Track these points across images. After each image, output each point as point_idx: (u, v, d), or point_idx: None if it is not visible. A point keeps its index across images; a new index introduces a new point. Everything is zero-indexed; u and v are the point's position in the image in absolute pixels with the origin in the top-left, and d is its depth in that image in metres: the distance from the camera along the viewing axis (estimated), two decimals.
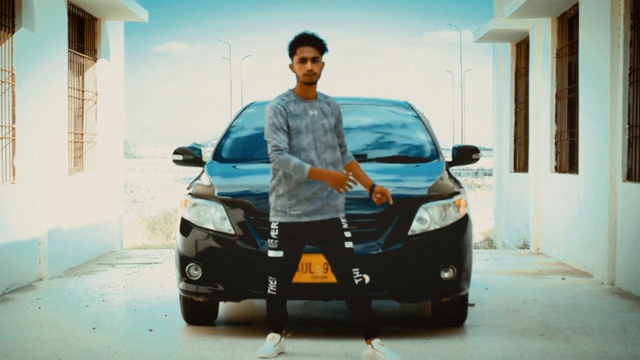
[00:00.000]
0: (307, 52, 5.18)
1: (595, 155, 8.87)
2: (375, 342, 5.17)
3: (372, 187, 5.21)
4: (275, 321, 5.37)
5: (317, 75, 5.22)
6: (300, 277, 5.57)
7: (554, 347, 5.62)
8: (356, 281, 5.16)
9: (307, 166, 5.02)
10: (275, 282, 5.24)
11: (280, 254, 5.19)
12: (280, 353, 5.36)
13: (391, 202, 5.18)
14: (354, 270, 5.16)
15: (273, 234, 5.21)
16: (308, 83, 5.21)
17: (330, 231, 5.20)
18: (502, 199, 14.71)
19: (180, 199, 6.17)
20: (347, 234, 5.22)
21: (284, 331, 5.43)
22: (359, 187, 5.88)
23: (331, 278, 5.60)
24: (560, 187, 10.77)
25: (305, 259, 5.54)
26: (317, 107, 5.27)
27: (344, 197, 5.30)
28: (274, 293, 5.26)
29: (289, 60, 5.28)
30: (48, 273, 8.82)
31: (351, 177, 5.12)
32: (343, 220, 5.25)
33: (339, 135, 5.38)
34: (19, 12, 8.52)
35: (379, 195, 5.15)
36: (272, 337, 5.34)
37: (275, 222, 5.20)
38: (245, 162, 6.64)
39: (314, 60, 5.18)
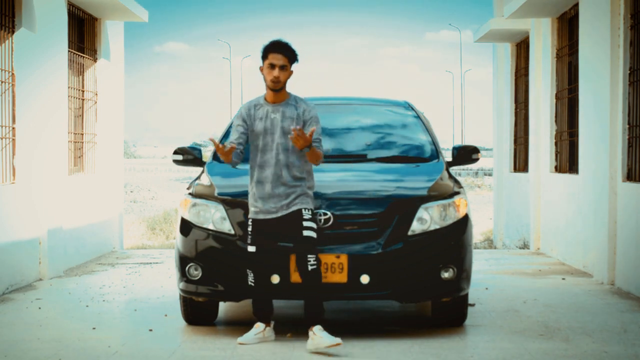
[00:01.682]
0: (277, 59, 5.49)
1: (595, 155, 8.87)
2: (317, 328, 5.41)
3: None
4: (258, 310, 5.66)
5: (282, 83, 5.54)
6: (298, 277, 5.58)
7: (554, 347, 5.62)
8: (309, 267, 5.40)
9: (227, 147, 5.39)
10: (252, 275, 5.56)
11: (252, 249, 5.55)
12: (263, 342, 5.60)
13: (299, 146, 5.35)
14: (309, 256, 5.40)
15: (249, 229, 5.59)
16: (273, 89, 5.55)
17: (290, 223, 5.48)
18: (502, 199, 14.71)
19: (180, 199, 6.17)
20: (308, 224, 5.46)
21: (272, 322, 5.70)
22: (359, 188, 5.89)
23: (330, 278, 5.61)
24: (560, 187, 10.77)
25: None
26: (280, 110, 5.57)
27: (307, 194, 5.54)
28: (253, 284, 5.57)
29: (260, 63, 5.60)
30: (48, 273, 8.82)
31: (212, 139, 5.40)
32: (305, 212, 5.48)
33: None
34: (19, 12, 8.52)
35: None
36: (257, 325, 5.64)
37: (249, 217, 5.60)
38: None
39: (282, 68, 5.50)
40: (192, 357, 5.38)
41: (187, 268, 5.90)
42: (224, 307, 6.98)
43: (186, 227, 5.96)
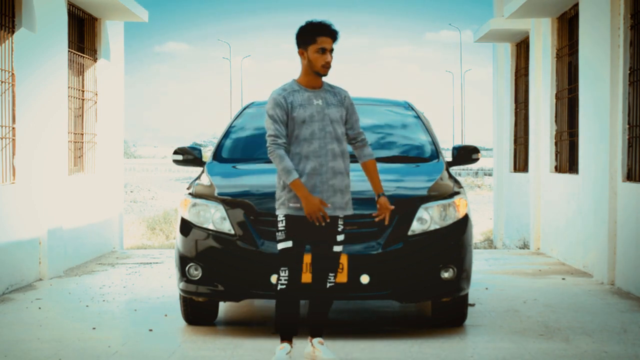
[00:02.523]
0: (328, 43, 4.99)
1: (595, 155, 8.87)
2: (316, 340, 5.11)
3: (378, 196, 5.10)
4: (284, 324, 5.05)
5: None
6: (308, 278, 5.56)
7: (554, 347, 5.62)
8: (328, 285, 5.08)
9: (294, 176, 4.87)
10: (286, 273, 4.96)
11: (289, 244, 4.97)
12: None
13: (386, 222, 5.10)
14: (330, 275, 5.07)
15: (280, 226, 4.99)
16: (322, 75, 5.04)
17: (324, 230, 5.00)
18: (502, 199, 14.71)
19: (180, 199, 6.17)
20: (340, 238, 5.06)
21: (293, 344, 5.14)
22: (359, 188, 5.88)
23: None
24: (560, 187, 10.77)
25: (306, 258, 5.53)
26: (321, 96, 5.07)
27: (350, 195, 5.10)
28: (285, 286, 4.96)
29: (296, 47, 5.09)
30: (48, 273, 8.82)
31: (325, 211, 4.89)
32: (340, 222, 5.06)
33: (351, 128, 5.15)
34: (19, 12, 8.52)
35: (378, 209, 5.08)
36: (282, 347, 5.03)
37: (281, 214, 5.00)
38: (245, 162, 6.64)
39: (331, 51, 5.04)
40: (192, 357, 5.38)
41: (187, 268, 5.90)
42: (224, 307, 6.98)
43: (186, 227, 5.96)
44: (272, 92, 5.09)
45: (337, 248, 5.07)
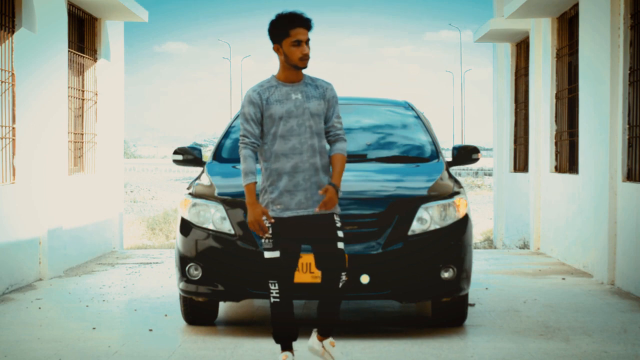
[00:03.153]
0: (303, 34, 4.76)
1: (595, 155, 8.87)
2: (327, 342, 4.94)
3: (331, 185, 4.78)
4: (282, 335, 4.90)
5: (309, 59, 4.85)
6: (300, 277, 5.56)
7: (554, 347, 5.62)
8: (340, 284, 4.81)
9: (249, 179, 4.74)
10: (276, 286, 4.79)
11: (276, 254, 4.78)
12: None
13: (316, 209, 4.75)
14: (342, 274, 4.81)
15: (267, 233, 4.80)
16: (301, 67, 4.82)
17: (321, 228, 4.79)
18: (502, 199, 14.71)
19: (180, 199, 6.17)
20: (340, 234, 4.83)
21: (295, 349, 5.04)
22: (359, 188, 5.89)
23: None
24: (560, 187, 10.77)
25: (305, 259, 5.53)
26: (301, 90, 4.85)
27: (339, 191, 4.86)
28: (278, 299, 4.80)
29: (262, 36, 5.00)
30: (48, 273, 8.82)
31: (268, 224, 4.72)
32: (337, 218, 4.84)
33: (327, 120, 4.93)
34: (19, 12, 8.52)
35: (320, 193, 4.75)
36: (285, 357, 4.87)
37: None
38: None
39: (307, 42, 4.80)
40: (192, 357, 5.38)
41: (187, 268, 5.90)
42: (224, 307, 6.98)
43: (186, 227, 5.96)
44: (249, 89, 4.93)
45: (341, 244, 4.82)
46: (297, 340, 4.97)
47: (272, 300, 4.82)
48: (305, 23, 4.79)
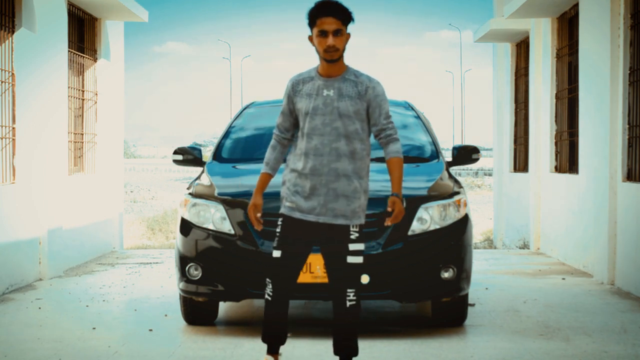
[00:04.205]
0: (329, 24, 4.42)
1: (595, 155, 8.87)
2: None
3: (390, 196, 4.56)
4: (271, 335, 4.68)
5: (340, 52, 4.48)
6: (300, 277, 5.55)
7: (554, 347, 5.62)
8: (348, 304, 4.51)
9: (263, 169, 4.63)
10: (270, 286, 4.59)
11: (278, 253, 4.56)
12: None
13: (388, 223, 4.51)
14: (349, 291, 4.51)
15: (277, 229, 4.60)
16: (329, 60, 4.49)
17: (333, 239, 4.53)
18: (502, 199, 14.71)
19: (180, 199, 6.17)
20: (353, 247, 4.51)
21: (280, 353, 4.81)
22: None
23: None
24: (560, 187, 10.77)
25: (311, 259, 5.52)
26: (335, 86, 4.52)
27: (362, 202, 4.56)
28: (270, 298, 4.59)
29: (308, 32, 4.58)
30: (48, 273, 8.81)
31: (258, 218, 4.57)
32: (353, 229, 4.52)
33: (374, 123, 4.58)
34: (19, 12, 8.52)
35: (389, 209, 4.49)
36: (266, 359, 4.69)
37: (280, 212, 4.61)
38: (245, 162, 6.64)
39: (337, 33, 4.44)
40: (192, 357, 5.38)
41: (187, 268, 5.90)
42: (224, 307, 6.98)
43: (186, 227, 5.96)
44: (291, 77, 4.71)
45: (352, 259, 4.49)
46: (284, 344, 4.77)
47: (266, 297, 4.62)
48: (333, 12, 4.43)
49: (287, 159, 4.67)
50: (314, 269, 5.59)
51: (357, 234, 4.54)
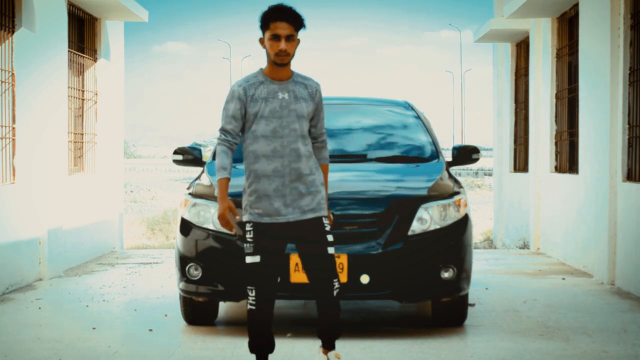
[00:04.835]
0: (282, 28, 4.51)
1: (595, 155, 8.87)
2: (332, 354, 4.77)
3: None
4: (257, 344, 4.65)
5: (291, 56, 4.57)
6: (298, 277, 5.57)
7: (554, 347, 5.62)
8: (334, 292, 4.64)
9: (222, 174, 4.55)
10: (254, 293, 4.55)
11: (256, 258, 4.55)
12: None
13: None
14: (334, 281, 4.63)
15: (248, 236, 4.59)
16: (280, 64, 4.58)
17: (305, 233, 4.61)
18: (502, 199, 14.71)
19: (180, 199, 6.17)
20: (330, 238, 4.63)
21: None
22: (359, 187, 5.89)
23: None
24: (560, 187, 10.77)
25: (295, 258, 5.53)
26: (289, 89, 4.62)
27: (323, 194, 4.67)
28: (254, 307, 4.56)
29: (259, 34, 4.66)
30: (48, 273, 8.81)
31: (231, 222, 4.55)
32: (325, 221, 4.65)
33: (315, 125, 4.75)
34: (19, 12, 8.52)
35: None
36: None
37: (246, 220, 4.63)
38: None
39: (289, 38, 4.53)
40: (192, 357, 5.38)
41: (187, 268, 5.90)
42: (224, 307, 6.98)
43: (186, 227, 5.96)
44: (234, 82, 4.71)
45: (331, 250, 4.63)
46: (273, 352, 4.74)
47: (249, 307, 4.58)
48: (287, 17, 4.53)
49: (241, 165, 4.66)
50: None
51: (328, 226, 4.66)
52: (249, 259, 4.58)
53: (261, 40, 4.65)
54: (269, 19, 4.55)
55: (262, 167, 4.58)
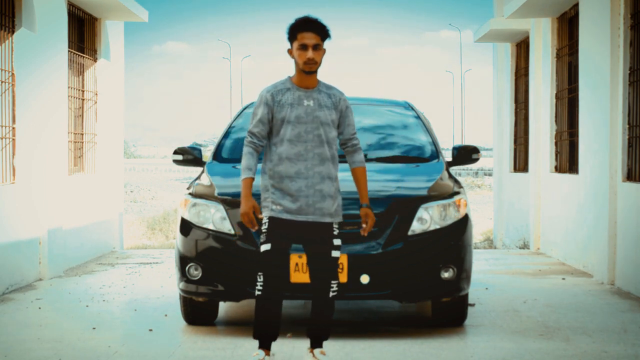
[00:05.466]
0: (309, 38, 4.84)
1: (595, 155, 8.87)
2: (317, 351, 4.99)
3: (361, 206, 5.00)
4: (261, 331, 4.93)
5: (318, 64, 4.90)
6: (299, 277, 5.57)
7: (554, 347, 5.62)
8: (331, 294, 4.94)
9: (246, 174, 4.84)
10: (262, 279, 4.86)
11: (268, 246, 4.86)
12: None
13: (364, 233, 5.00)
14: (332, 282, 4.93)
15: (263, 228, 4.90)
16: (308, 72, 4.90)
17: (317, 235, 4.90)
18: (502, 199, 14.71)
19: (180, 199, 6.17)
20: (336, 242, 4.93)
21: (271, 353, 5.01)
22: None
23: None
24: (560, 187, 10.77)
25: (304, 259, 5.53)
26: (314, 97, 4.94)
27: (340, 201, 4.99)
28: (261, 292, 4.85)
29: (287, 45, 4.97)
30: (48, 273, 8.82)
31: (256, 217, 4.82)
32: (335, 226, 4.95)
33: (342, 133, 5.04)
34: (19, 12, 8.52)
35: (362, 219, 4.98)
36: (256, 354, 4.93)
37: (265, 216, 4.91)
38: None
39: (316, 47, 4.85)
40: (192, 357, 5.38)
41: (187, 268, 5.90)
42: (224, 307, 6.98)
43: (186, 227, 5.96)
44: (263, 88, 5.00)
45: (335, 253, 4.91)
46: (276, 340, 5.00)
47: (256, 292, 4.88)
48: (313, 28, 4.85)
49: (264, 165, 4.97)
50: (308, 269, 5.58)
51: (337, 230, 4.96)
52: (262, 248, 4.88)
53: (289, 51, 4.95)
54: (297, 30, 4.87)
55: (285, 169, 4.87)
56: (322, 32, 4.88)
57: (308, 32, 4.85)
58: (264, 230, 4.89)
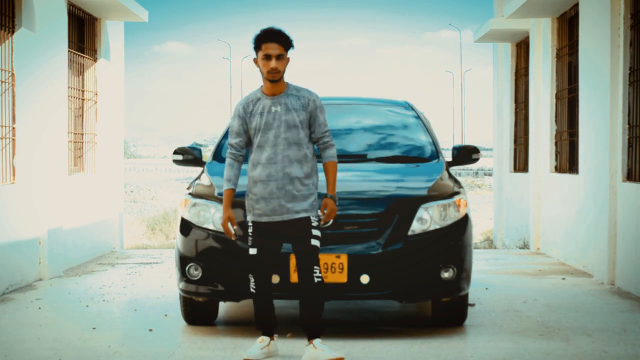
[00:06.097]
0: (272, 49, 5.13)
1: (595, 155, 8.87)
2: (317, 341, 5.16)
3: (325, 196, 5.22)
4: (261, 322, 5.33)
5: (281, 73, 5.17)
6: (292, 278, 5.57)
7: (554, 347, 5.62)
8: (315, 279, 5.14)
9: (226, 186, 5.24)
10: (253, 280, 5.26)
11: (254, 251, 5.23)
12: (269, 357, 5.27)
13: (322, 223, 5.22)
14: (315, 267, 5.14)
15: (249, 232, 5.26)
16: (272, 80, 5.18)
17: (297, 229, 5.17)
18: (502, 199, 14.71)
19: (180, 199, 6.17)
20: (315, 232, 5.17)
21: (275, 335, 5.35)
22: (359, 188, 5.89)
23: (330, 278, 5.60)
24: (560, 187, 10.77)
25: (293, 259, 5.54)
26: (282, 102, 5.21)
27: (315, 197, 5.22)
28: (254, 291, 5.26)
29: (253, 54, 5.26)
30: (48, 273, 8.82)
31: (234, 230, 5.23)
32: (313, 219, 5.18)
33: (314, 131, 5.26)
34: (19, 12, 8.52)
35: (325, 211, 5.18)
36: (262, 340, 5.29)
37: (249, 220, 5.27)
38: (245, 162, 6.63)
39: (279, 57, 5.14)
40: (192, 357, 5.38)
41: (187, 268, 5.90)
42: (224, 307, 6.98)
43: (186, 227, 5.96)
44: (238, 101, 5.35)
45: (315, 242, 5.16)
46: (277, 327, 5.36)
47: (251, 290, 5.29)
48: (276, 38, 5.13)
49: (249, 172, 5.27)
50: None
51: (316, 222, 5.20)
52: (250, 252, 5.26)
53: (255, 60, 5.25)
54: (261, 40, 5.17)
55: (259, 174, 5.20)
56: (286, 42, 5.17)
57: (272, 43, 5.14)
58: (250, 234, 5.26)
